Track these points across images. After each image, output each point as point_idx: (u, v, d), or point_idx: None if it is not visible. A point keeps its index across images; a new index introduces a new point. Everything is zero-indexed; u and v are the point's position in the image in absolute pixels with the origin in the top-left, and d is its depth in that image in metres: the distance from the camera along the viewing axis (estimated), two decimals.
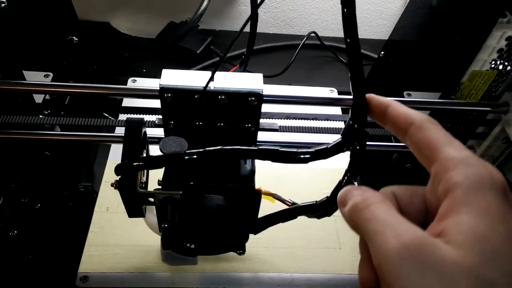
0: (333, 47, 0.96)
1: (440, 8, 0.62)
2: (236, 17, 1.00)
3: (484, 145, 0.54)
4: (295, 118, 0.52)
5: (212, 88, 0.39)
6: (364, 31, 1.02)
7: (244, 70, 0.52)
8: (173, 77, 0.40)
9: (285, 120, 0.52)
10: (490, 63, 0.53)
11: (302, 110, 0.54)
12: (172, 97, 0.40)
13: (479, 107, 0.52)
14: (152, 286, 0.52)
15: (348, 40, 0.28)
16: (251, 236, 0.57)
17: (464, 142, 0.56)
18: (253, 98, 0.40)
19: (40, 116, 0.49)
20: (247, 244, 0.55)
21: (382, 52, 0.71)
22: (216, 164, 0.42)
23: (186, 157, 0.38)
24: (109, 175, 0.60)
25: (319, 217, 0.44)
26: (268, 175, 0.54)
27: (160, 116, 0.50)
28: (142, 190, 0.40)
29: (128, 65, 0.86)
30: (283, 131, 0.51)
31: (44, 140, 0.52)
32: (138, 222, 0.54)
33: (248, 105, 0.40)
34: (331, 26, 1.04)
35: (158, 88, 0.38)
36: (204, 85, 0.38)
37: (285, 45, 0.99)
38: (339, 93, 0.78)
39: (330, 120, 0.53)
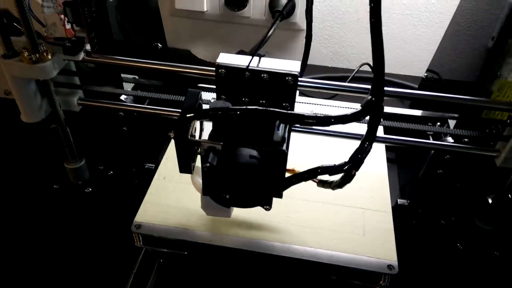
0: (386, 81, 1.03)
1: None
2: (299, 51, 1.12)
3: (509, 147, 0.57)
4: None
5: (257, 67, 0.49)
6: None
7: None
8: (227, 58, 0.50)
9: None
10: None
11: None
12: (224, 73, 0.50)
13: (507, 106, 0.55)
14: (192, 240, 0.60)
15: (372, 20, 0.37)
16: (282, 214, 0.64)
17: (493, 145, 0.59)
18: (290, 78, 0.49)
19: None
20: (278, 220, 0.63)
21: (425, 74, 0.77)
22: (254, 126, 0.51)
23: (229, 112, 0.47)
24: (170, 153, 0.71)
25: (341, 185, 0.50)
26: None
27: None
28: (192, 138, 0.50)
29: None
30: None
31: (123, 113, 0.65)
32: (186, 191, 0.64)
33: (285, 84, 0.49)
34: (386, 62, 1.11)
35: None
36: (251, 65, 0.48)
37: (341, 76, 1.08)
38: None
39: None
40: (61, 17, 0.61)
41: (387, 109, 0.73)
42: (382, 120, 0.65)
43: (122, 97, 0.68)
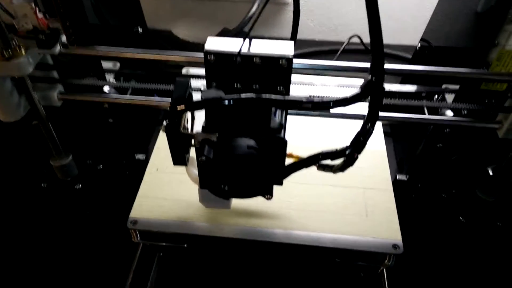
0: None
1: None
2: (285, 25, 1.08)
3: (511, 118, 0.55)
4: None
5: (248, 52, 0.46)
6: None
7: None
8: (215, 43, 0.47)
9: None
10: None
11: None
12: (214, 59, 0.47)
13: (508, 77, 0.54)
14: (191, 233, 0.58)
15: None
16: (282, 199, 0.62)
17: (493, 117, 0.58)
18: (284, 61, 0.46)
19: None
20: (278, 206, 0.61)
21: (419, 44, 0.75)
22: (250, 114, 0.49)
23: (223, 102, 0.44)
24: (161, 143, 0.69)
25: (342, 168, 0.48)
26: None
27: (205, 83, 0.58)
28: (185, 131, 0.47)
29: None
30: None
31: (107, 105, 0.62)
32: (182, 181, 0.62)
33: (279, 67, 0.46)
34: None
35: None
36: (241, 49, 0.45)
37: (330, 50, 1.05)
38: None
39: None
40: (32, 5, 0.57)
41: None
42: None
43: (105, 88, 0.64)
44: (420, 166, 0.70)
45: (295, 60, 0.48)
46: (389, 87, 0.71)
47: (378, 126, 0.72)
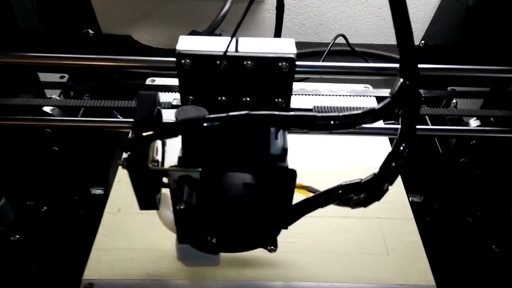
0: (363, 53, 0.90)
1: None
2: (260, 25, 0.96)
3: None
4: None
5: (237, 52, 0.34)
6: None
7: None
8: (191, 43, 0.34)
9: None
10: None
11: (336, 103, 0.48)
12: (190, 64, 0.34)
13: None
14: None
15: None
16: (281, 240, 0.50)
17: None
18: (284, 64, 0.34)
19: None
20: (278, 250, 0.48)
21: (423, 41, 0.65)
22: (242, 139, 0.36)
23: (205, 123, 0.31)
24: (123, 174, 0.54)
25: (366, 203, 0.36)
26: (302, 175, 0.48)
27: (178, 96, 0.45)
28: (154, 167, 0.34)
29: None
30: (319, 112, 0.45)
31: (50, 129, 0.47)
32: (153, 224, 0.48)
33: (278, 72, 0.35)
34: (360, 32, 0.99)
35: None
36: (227, 49, 0.33)
37: (312, 52, 0.95)
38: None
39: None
40: None
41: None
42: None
43: (47, 108, 0.50)
44: (436, 185, 0.59)
45: (300, 63, 0.37)
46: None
47: (386, 142, 0.61)
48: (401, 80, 0.30)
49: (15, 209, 0.52)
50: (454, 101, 0.59)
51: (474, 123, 0.52)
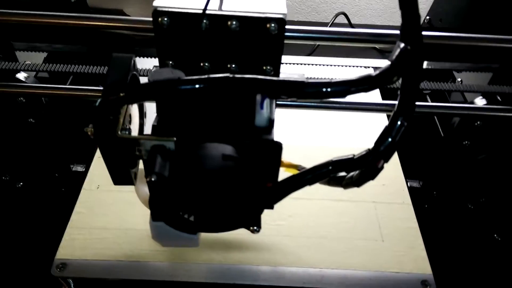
0: None
1: None
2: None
3: None
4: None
5: (219, 11, 0.30)
6: None
7: None
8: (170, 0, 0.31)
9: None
10: None
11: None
12: (168, 23, 0.31)
13: None
14: (146, 278, 0.41)
15: None
16: (269, 223, 0.47)
17: None
18: (272, 25, 0.31)
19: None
20: (265, 232, 0.44)
21: (428, 17, 0.61)
22: (223, 107, 0.33)
23: (181, 86, 0.28)
24: None
25: (359, 183, 0.33)
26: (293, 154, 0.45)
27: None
28: (124, 135, 0.31)
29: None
30: None
31: (24, 98, 0.44)
32: (132, 203, 0.45)
33: (266, 35, 0.31)
34: (363, 12, 0.95)
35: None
36: (209, 8, 0.29)
37: None
38: None
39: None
40: None
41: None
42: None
43: (21, 75, 0.46)
44: (436, 170, 0.55)
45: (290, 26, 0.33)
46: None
47: (383, 118, 0.57)
48: (402, 44, 0.27)
49: None
50: (459, 79, 0.55)
51: (480, 101, 0.49)
